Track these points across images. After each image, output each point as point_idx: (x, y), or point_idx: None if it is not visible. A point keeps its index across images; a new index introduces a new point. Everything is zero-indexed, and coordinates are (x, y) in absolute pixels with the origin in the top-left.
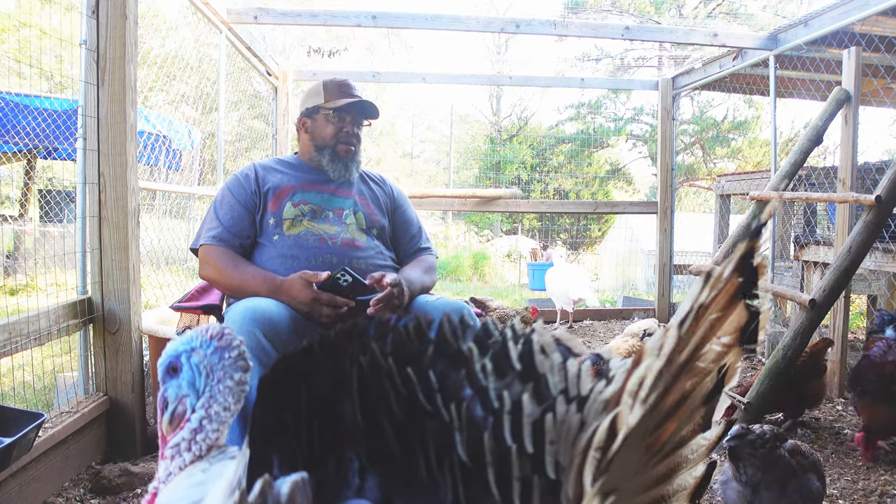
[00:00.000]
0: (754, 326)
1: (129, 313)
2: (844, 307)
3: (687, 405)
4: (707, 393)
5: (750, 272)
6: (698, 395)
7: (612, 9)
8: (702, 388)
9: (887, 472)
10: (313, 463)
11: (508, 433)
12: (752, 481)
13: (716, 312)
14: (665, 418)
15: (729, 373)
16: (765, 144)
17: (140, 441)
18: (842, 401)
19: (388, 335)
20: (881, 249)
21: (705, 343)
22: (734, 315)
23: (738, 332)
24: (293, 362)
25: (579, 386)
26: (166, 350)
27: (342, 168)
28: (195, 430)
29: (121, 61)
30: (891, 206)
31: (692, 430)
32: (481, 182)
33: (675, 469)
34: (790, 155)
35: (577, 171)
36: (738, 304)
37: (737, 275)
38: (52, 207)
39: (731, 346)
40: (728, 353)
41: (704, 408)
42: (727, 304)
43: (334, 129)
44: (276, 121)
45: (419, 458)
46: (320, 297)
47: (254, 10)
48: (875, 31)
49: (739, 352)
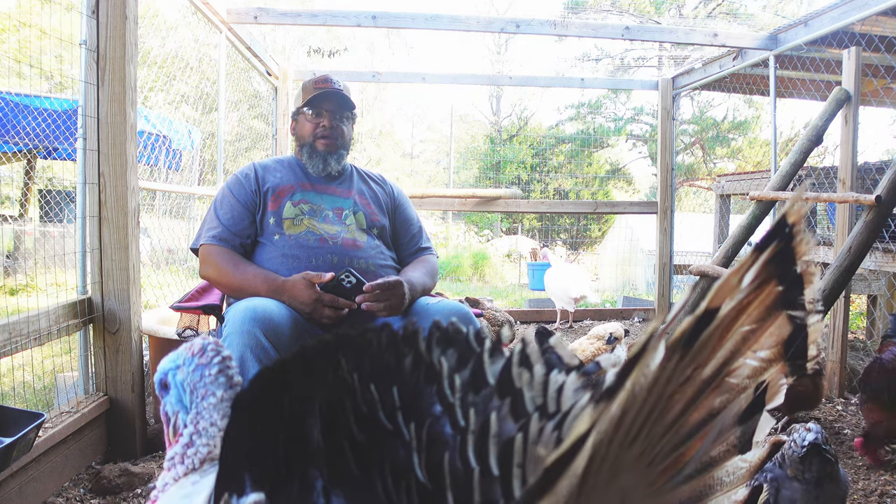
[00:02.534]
0: (803, 340)
1: (129, 313)
2: (844, 307)
3: (714, 424)
4: (742, 412)
5: (793, 280)
6: (729, 413)
7: (612, 9)
8: (734, 406)
9: (887, 472)
10: (279, 482)
11: (472, 454)
12: (818, 477)
13: (748, 324)
14: (685, 438)
15: (771, 390)
16: (765, 144)
17: (140, 441)
18: (842, 401)
19: (365, 347)
20: (881, 249)
21: (732, 357)
22: (773, 328)
23: (781, 347)
24: (269, 376)
25: (560, 401)
26: (159, 366)
27: (321, 163)
28: (186, 445)
29: (121, 61)
30: (891, 206)
31: (726, 450)
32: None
33: (706, 493)
34: (790, 155)
35: (577, 171)
36: (777, 315)
37: (775, 283)
38: (52, 207)
39: (772, 361)
40: (768, 368)
41: (740, 427)
42: (762, 316)
43: (311, 125)
44: (276, 121)
45: (377, 480)
46: (322, 298)
47: (254, 10)
48: (875, 31)
49: (784, 368)
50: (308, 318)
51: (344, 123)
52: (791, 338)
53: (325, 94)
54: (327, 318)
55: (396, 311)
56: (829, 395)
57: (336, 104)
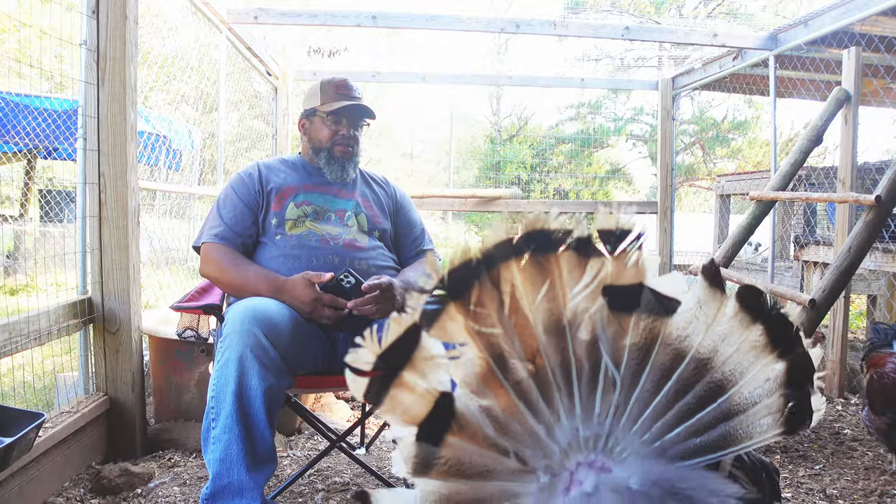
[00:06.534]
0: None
1: (129, 313)
2: (844, 307)
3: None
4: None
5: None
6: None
7: (612, 9)
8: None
9: (887, 472)
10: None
11: None
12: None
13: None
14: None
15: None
16: (765, 144)
17: (140, 441)
18: (842, 401)
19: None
20: (881, 249)
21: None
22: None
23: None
24: None
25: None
26: None
27: (339, 170)
28: None
29: (121, 61)
30: (891, 206)
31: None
32: (481, 182)
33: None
34: (790, 155)
35: (577, 171)
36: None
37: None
38: (52, 207)
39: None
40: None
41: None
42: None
43: (330, 132)
44: (276, 121)
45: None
46: (322, 298)
47: (254, 10)
48: (875, 31)
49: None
50: (308, 317)
51: (359, 131)
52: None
53: (350, 108)
54: (327, 318)
55: (389, 312)
56: (829, 395)
57: (356, 112)
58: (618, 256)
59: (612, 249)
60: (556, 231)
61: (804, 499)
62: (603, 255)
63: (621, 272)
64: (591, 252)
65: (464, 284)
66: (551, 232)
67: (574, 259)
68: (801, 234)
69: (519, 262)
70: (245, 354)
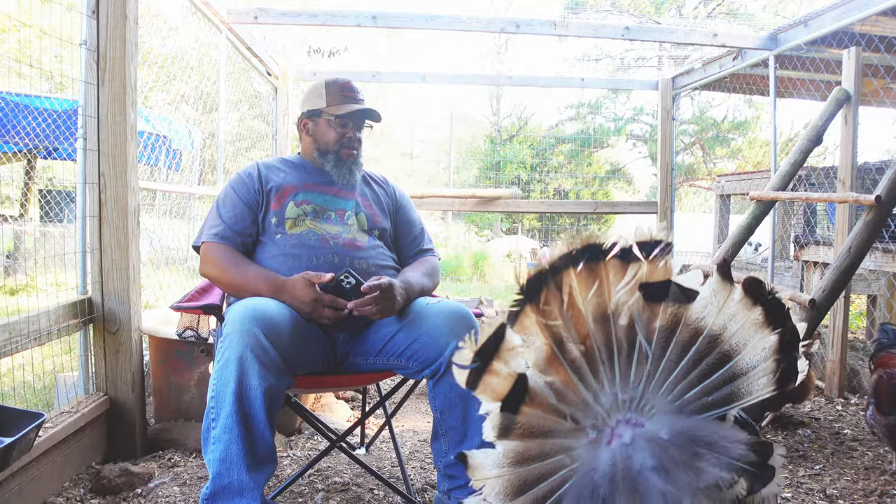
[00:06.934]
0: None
1: (129, 313)
2: (844, 307)
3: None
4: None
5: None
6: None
7: (612, 9)
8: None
9: (887, 472)
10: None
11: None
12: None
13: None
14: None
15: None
16: (765, 144)
17: (140, 441)
18: (842, 401)
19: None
20: (881, 249)
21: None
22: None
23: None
24: None
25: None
26: None
27: (346, 172)
28: None
29: (121, 61)
30: (891, 206)
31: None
32: (481, 182)
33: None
34: (790, 155)
35: (577, 171)
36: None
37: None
38: (52, 207)
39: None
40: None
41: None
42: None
43: (337, 134)
44: (276, 121)
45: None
46: (322, 298)
47: (254, 10)
48: (875, 31)
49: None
50: (308, 317)
51: (363, 134)
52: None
53: (360, 113)
54: (327, 319)
55: (389, 313)
56: (829, 395)
57: (363, 115)
58: (651, 261)
59: (647, 255)
60: (604, 244)
61: (804, 499)
62: (640, 259)
63: (654, 272)
64: (631, 258)
65: (536, 289)
66: (601, 245)
67: (618, 264)
68: (801, 234)
69: (576, 269)
70: (245, 354)
